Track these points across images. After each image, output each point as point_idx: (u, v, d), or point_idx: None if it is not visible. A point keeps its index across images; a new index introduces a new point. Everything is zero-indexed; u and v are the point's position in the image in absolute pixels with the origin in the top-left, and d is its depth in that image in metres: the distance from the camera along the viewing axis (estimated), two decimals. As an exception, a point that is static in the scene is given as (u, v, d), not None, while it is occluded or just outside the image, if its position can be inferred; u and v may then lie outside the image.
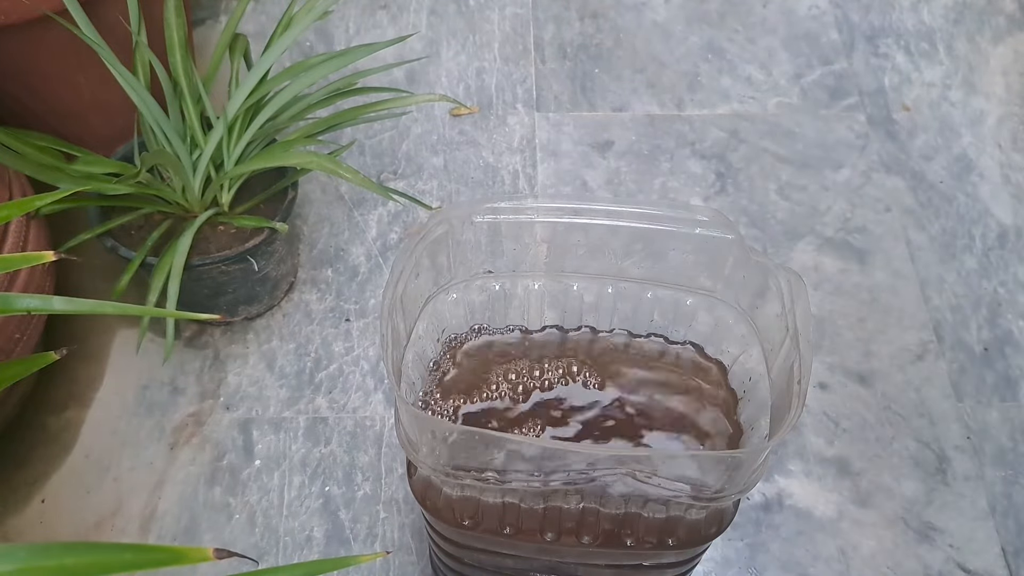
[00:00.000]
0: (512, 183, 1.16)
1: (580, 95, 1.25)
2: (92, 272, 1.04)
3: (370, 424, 0.95)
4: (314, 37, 1.31)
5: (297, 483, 0.91)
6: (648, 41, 1.32)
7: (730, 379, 0.66)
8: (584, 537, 0.60)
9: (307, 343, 1.01)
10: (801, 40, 1.32)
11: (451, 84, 1.26)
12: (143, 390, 0.98)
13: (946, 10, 1.36)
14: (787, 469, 0.93)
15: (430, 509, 0.60)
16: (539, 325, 0.69)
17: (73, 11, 0.83)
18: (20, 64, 0.93)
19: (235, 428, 0.95)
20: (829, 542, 0.88)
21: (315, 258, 1.08)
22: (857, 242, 1.10)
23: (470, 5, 1.35)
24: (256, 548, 0.87)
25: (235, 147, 0.92)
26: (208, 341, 1.01)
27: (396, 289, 0.57)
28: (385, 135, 1.20)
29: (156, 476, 0.92)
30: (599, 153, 1.19)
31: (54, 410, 0.96)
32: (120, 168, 0.92)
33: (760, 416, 0.61)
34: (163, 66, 0.90)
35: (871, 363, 1.00)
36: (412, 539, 0.88)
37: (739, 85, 1.27)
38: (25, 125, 0.94)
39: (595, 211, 0.61)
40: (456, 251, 0.63)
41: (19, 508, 0.90)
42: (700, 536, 0.60)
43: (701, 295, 0.65)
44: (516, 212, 0.62)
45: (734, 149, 1.19)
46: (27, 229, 0.85)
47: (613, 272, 0.65)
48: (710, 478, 0.55)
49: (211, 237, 0.93)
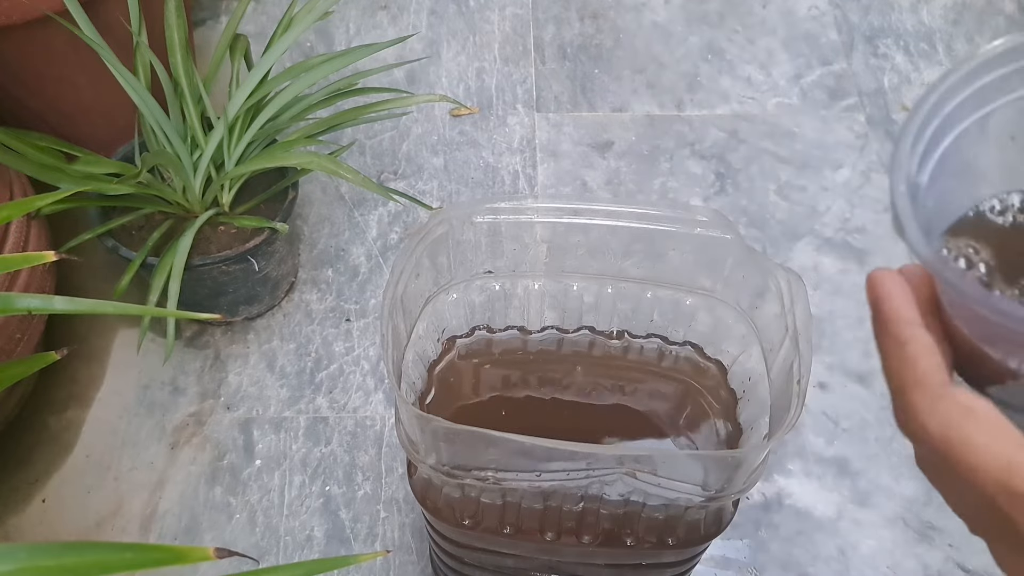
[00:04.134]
0: (512, 183, 1.16)
1: (580, 95, 1.26)
2: (93, 272, 1.04)
3: (370, 424, 0.95)
4: (314, 37, 1.31)
5: (297, 483, 0.91)
6: (648, 41, 1.32)
7: (730, 379, 0.66)
8: (584, 537, 0.60)
9: (307, 343, 1.01)
10: (801, 41, 1.32)
11: (451, 84, 1.26)
12: (144, 390, 0.98)
13: (945, 11, 1.36)
14: (787, 469, 0.93)
15: (430, 509, 0.61)
16: (539, 325, 0.69)
17: (73, 11, 0.83)
18: (20, 64, 0.94)
19: (236, 428, 0.95)
20: (829, 542, 0.89)
21: (315, 258, 1.08)
22: (857, 242, 1.10)
23: (470, 6, 1.35)
24: (257, 547, 0.87)
25: (236, 147, 0.92)
26: (209, 341, 1.01)
27: (396, 289, 0.57)
28: (385, 135, 1.20)
29: (157, 476, 0.92)
30: (599, 153, 1.19)
31: (55, 410, 0.96)
32: (121, 168, 0.92)
33: (760, 416, 0.61)
34: (164, 66, 0.90)
35: (871, 363, 1.00)
36: (412, 539, 0.88)
37: (739, 85, 1.27)
38: (25, 125, 0.94)
39: (595, 211, 0.61)
40: (456, 251, 0.64)
41: (20, 507, 0.90)
42: (700, 536, 0.60)
43: (701, 295, 0.65)
44: (516, 212, 0.62)
45: (734, 149, 1.20)
46: (28, 229, 0.85)
47: (613, 272, 0.65)
48: (710, 478, 0.55)
49: (212, 237, 0.93)
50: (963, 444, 0.26)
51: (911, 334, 0.29)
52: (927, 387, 0.28)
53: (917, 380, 0.28)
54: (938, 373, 0.28)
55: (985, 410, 0.27)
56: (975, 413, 0.27)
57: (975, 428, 0.26)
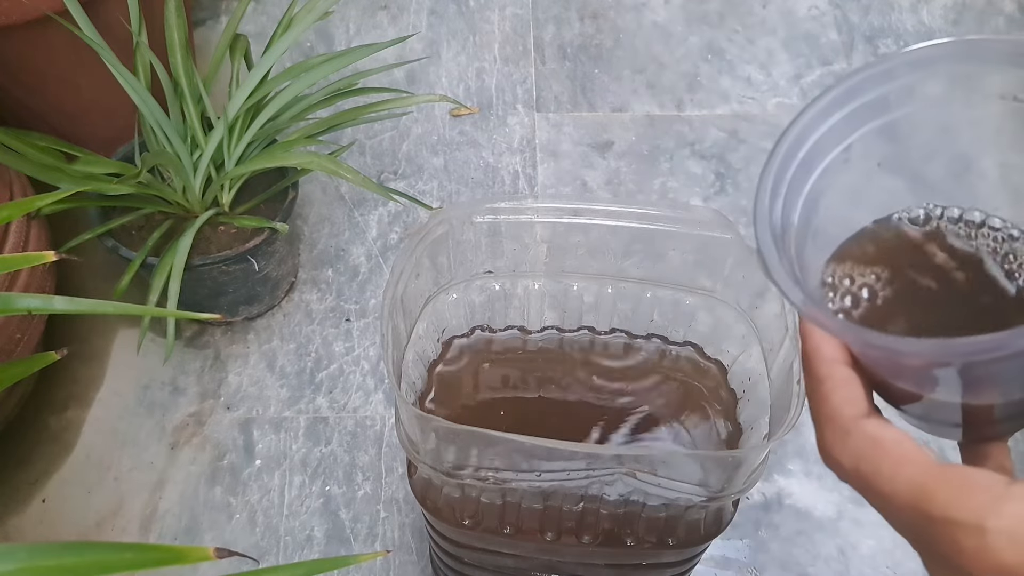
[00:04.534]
0: (512, 183, 1.16)
1: (580, 95, 1.26)
2: (93, 272, 1.04)
3: (370, 424, 0.95)
4: (315, 37, 1.31)
5: (298, 483, 0.91)
6: (648, 41, 1.32)
7: (730, 379, 0.66)
8: (584, 537, 0.60)
9: (307, 343, 1.01)
10: (801, 41, 1.32)
11: (451, 84, 1.26)
12: (144, 390, 0.98)
13: (945, 11, 1.36)
14: (787, 469, 0.93)
15: (430, 509, 0.61)
16: (539, 325, 0.69)
17: (73, 11, 0.83)
18: (20, 64, 0.94)
19: (236, 428, 0.95)
20: (828, 541, 0.89)
21: (315, 258, 1.08)
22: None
23: (470, 6, 1.35)
24: (257, 547, 0.87)
25: (236, 147, 0.92)
26: (209, 341, 1.01)
27: (396, 289, 0.57)
28: (385, 135, 1.20)
29: (157, 476, 0.92)
30: (599, 153, 1.19)
31: (55, 410, 0.96)
32: (121, 168, 0.92)
33: (760, 416, 0.61)
34: (164, 66, 0.90)
35: (871, 363, 1.00)
36: (412, 539, 0.88)
37: (739, 85, 1.27)
38: (26, 125, 0.94)
39: (595, 211, 0.61)
40: (456, 251, 0.64)
41: (20, 507, 0.90)
42: (700, 536, 0.60)
43: (701, 295, 0.65)
44: (516, 212, 0.62)
45: (734, 149, 1.20)
46: (28, 229, 0.85)
47: (613, 272, 0.65)
48: (710, 478, 0.55)
49: (212, 237, 0.93)
50: (874, 475, 0.27)
51: (827, 372, 0.29)
52: (838, 421, 0.28)
53: (829, 415, 0.29)
54: (849, 407, 0.29)
55: (892, 439, 0.27)
56: (882, 443, 0.27)
57: (883, 458, 0.27)
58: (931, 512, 0.25)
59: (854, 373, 0.29)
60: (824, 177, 0.33)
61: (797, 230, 0.32)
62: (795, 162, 0.32)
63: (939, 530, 0.25)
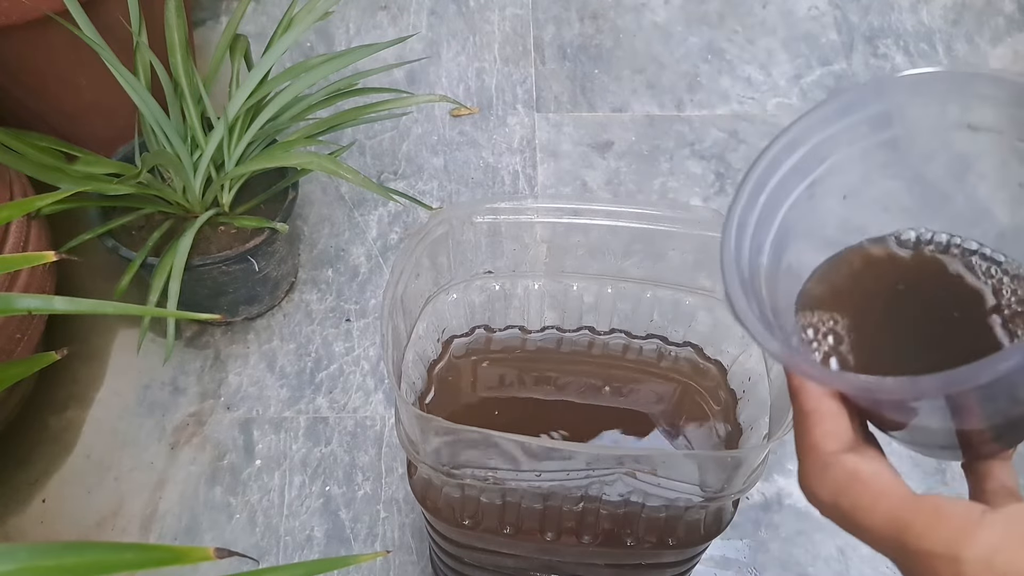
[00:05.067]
0: (512, 183, 1.16)
1: (580, 96, 1.26)
2: (93, 272, 1.04)
3: (370, 424, 0.95)
4: (315, 38, 1.31)
5: (297, 483, 0.91)
6: (648, 42, 1.32)
7: (729, 379, 0.66)
8: (584, 537, 0.60)
9: (307, 343, 1.01)
10: (800, 41, 1.32)
11: (451, 85, 1.26)
12: (144, 390, 0.98)
13: (945, 11, 1.36)
14: (786, 469, 0.93)
15: (430, 509, 0.61)
16: (539, 325, 0.69)
17: (73, 11, 0.83)
18: (20, 64, 0.94)
19: (236, 428, 0.95)
20: (828, 541, 0.89)
21: (315, 258, 1.08)
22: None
23: (470, 6, 1.35)
24: (257, 547, 0.87)
25: (236, 148, 0.92)
26: (209, 341, 1.01)
27: (396, 289, 0.57)
28: (385, 136, 1.20)
29: (157, 476, 0.92)
30: (599, 153, 1.19)
31: (55, 410, 0.96)
32: (121, 168, 0.92)
33: (760, 416, 0.61)
34: (164, 67, 0.91)
35: (870, 363, 1.00)
36: (412, 539, 0.88)
37: (738, 86, 1.27)
38: (26, 125, 0.94)
39: (595, 211, 0.61)
40: (456, 251, 0.64)
41: (20, 508, 0.90)
42: (699, 536, 0.60)
43: (700, 295, 0.65)
44: (516, 212, 0.62)
45: (733, 149, 1.20)
46: (28, 229, 0.85)
47: (613, 272, 0.65)
48: (710, 478, 0.55)
49: (212, 237, 0.93)
50: (852, 508, 0.28)
51: (813, 406, 0.29)
52: (818, 455, 0.29)
53: (809, 448, 0.29)
54: (830, 441, 0.29)
55: (869, 473, 0.28)
56: (860, 477, 0.28)
57: (861, 492, 0.27)
58: (908, 544, 0.26)
59: (840, 406, 0.29)
60: (791, 214, 0.33)
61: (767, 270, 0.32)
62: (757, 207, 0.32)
63: (918, 561, 0.26)
